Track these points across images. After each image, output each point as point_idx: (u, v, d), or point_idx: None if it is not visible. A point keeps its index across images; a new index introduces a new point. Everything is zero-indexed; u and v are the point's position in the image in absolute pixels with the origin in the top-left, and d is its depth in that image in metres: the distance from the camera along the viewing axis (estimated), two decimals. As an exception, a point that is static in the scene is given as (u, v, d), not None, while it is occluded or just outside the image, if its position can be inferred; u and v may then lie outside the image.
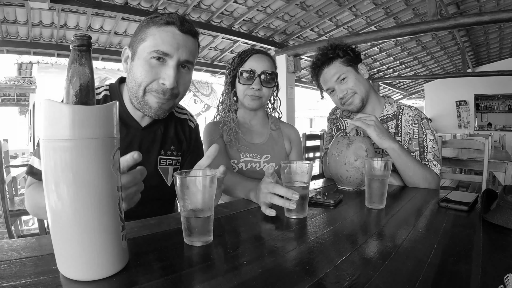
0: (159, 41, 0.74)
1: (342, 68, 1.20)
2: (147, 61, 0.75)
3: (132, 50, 0.79)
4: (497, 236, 0.60)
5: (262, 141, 1.22)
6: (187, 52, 0.77)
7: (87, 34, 0.41)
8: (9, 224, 1.94)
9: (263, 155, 1.19)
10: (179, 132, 0.96)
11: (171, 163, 0.93)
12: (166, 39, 0.75)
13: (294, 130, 1.33)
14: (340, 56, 1.20)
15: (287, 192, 0.69)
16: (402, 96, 11.48)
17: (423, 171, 1.07)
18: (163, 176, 0.91)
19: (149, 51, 0.75)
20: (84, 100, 0.40)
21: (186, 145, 0.97)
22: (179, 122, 0.97)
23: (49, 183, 0.39)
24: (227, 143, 1.16)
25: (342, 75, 1.20)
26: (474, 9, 5.03)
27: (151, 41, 0.75)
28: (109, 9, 3.59)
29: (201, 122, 9.93)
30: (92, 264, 0.41)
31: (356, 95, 1.20)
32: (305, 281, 0.42)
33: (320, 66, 1.24)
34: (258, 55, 1.15)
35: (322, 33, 5.16)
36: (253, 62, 1.13)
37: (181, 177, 0.53)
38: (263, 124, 1.26)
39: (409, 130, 1.21)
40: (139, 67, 0.76)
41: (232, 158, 1.16)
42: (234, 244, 0.56)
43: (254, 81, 1.12)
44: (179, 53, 0.76)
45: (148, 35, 0.76)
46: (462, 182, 2.95)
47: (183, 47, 0.76)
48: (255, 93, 1.13)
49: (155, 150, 0.89)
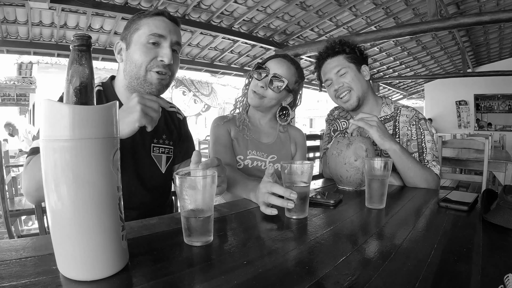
0: (153, 27, 0.86)
1: (344, 63, 1.22)
2: (144, 45, 0.86)
3: (126, 42, 0.89)
4: (497, 236, 0.60)
5: (270, 141, 1.24)
6: (176, 35, 0.91)
7: (87, 34, 0.41)
8: (9, 224, 1.94)
9: (269, 155, 1.20)
10: (169, 123, 1.04)
11: (164, 151, 1.00)
12: (160, 24, 0.87)
13: (301, 133, 1.35)
14: (346, 52, 1.23)
15: (285, 192, 0.69)
16: (402, 96, 11.48)
17: (424, 172, 1.07)
18: (157, 163, 0.98)
19: (146, 36, 0.85)
20: (84, 100, 0.40)
21: (177, 135, 1.05)
22: (168, 114, 1.06)
23: (49, 183, 0.39)
24: (235, 139, 1.17)
25: (343, 69, 1.21)
26: (474, 9, 5.03)
27: (145, 28, 0.86)
28: (109, 9, 3.59)
29: (201, 122, 9.93)
30: (92, 264, 0.41)
31: (353, 92, 1.20)
32: (305, 281, 0.42)
33: (324, 58, 1.26)
34: (279, 59, 1.16)
35: (322, 33, 5.16)
36: (272, 63, 1.15)
37: (181, 177, 0.53)
38: (272, 125, 1.27)
39: (407, 131, 1.21)
40: (137, 51, 0.86)
41: (238, 154, 1.16)
42: (234, 244, 0.56)
43: (262, 79, 1.13)
44: (171, 35, 0.88)
45: (141, 24, 0.87)
46: (462, 182, 2.94)
47: (173, 31, 0.90)
48: (259, 90, 1.13)
49: (148, 139, 0.96)
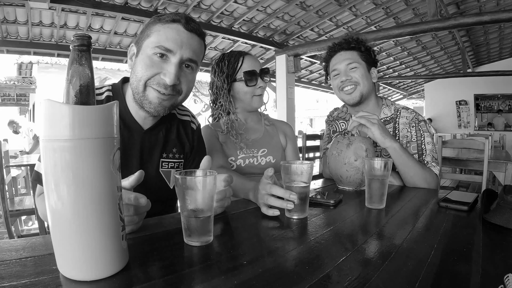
0: (163, 37, 0.74)
1: (357, 59, 1.23)
2: (149, 57, 0.75)
3: (137, 47, 0.79)
4: (497, 236, 0.60)
5: (257, 136, 1.26)
6: (190, 50, 0.76)
7: (87, 34, 0.41)
8: (9, 224, 1.94)
9: (259, 150, 1.22)
10: (182, 135, 0.95)
11: (173, 165, 0.91)
12: (170, 35, 0.74)
13: (288, 126, 1.39)
14: (361, 50, 1.24)
15: (284, 193, 0.69)
16: (402, 96, 11.48)
17: (423, 171, 1.07)
18: (165, 179, 0.89)
19: (152, 47, 0.74)
20: (84, 100, 0.40)
21: (189, 147, 0.96)
22: (181, 124, 0.96)
23: (49, 183, 0.39)
24: (223, 143, 1.19)
25: (354, 63, 1.22)
26: (474, 9, 5.03)
27: (155, 37, 0.75)
28: (109, 9, 3.59)
29: (201, 122, 10.05)
30: (92, 264, 0.41)
31: (358, 87, 1.21)
32: (305, 281, 0.42)
33: (337, 49, 1.27)
34: (250, 56, 1.22)
35: (322, 33, 5.16)
36: (250, 63, 1.18)
37: (181, 177, 0.53)
38: (257, 121, 1.30)
39: (407, 133, 1.22)
40: (141, 62, 0.76)
41: (229, 156, 1.18)
42: (234, 244, 0.56)
43: (258, 81, 1.18)
44: (182, 51, 0.75)
45: (153, 31, 0.76)
46: (462, 182, 2.94)
47: (187, 45, 0.76)
48: (263, 91, 1.21)
49: (157, 153, 0.88)
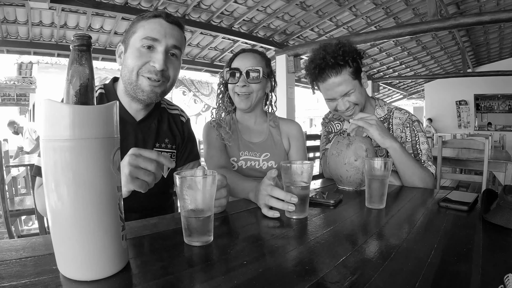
0: (148, 30, 0.84)
1: (350, 82, 1.13)
2: (138, 49, 0.84)
3: (125, 45, 0.88)
4: (497, 236, 0.60)
5: (261, 139, 1.24)
6: (173, 38, 0.86)
7: (87, 34, 0.41)
8: (9, 224, 1.94)
9: (262, 154, 1.21)
10: (173, 127, 1.02)
11: (166, 155, 0.94)
12: (155, 27, 0.84)
13: (295, 125, 1.31)
14: (350, 66, 1.12)
15: (285, 196, 0.69)
16: (402, 96, 11.48)
17: (422, 171, 1.07)
18: None
19: (140, 39, 0.83)
20: (84, 100, 0.40)
21: (180, 138, 1.04)
22: (171, 117, 1.04)
23: (49, 183, 0.39)
24: (226, 142, 1.18)
25: (349, 89, 1.13)
26: (474, 9, 5.03)
27: (141, 31, 0.84)
28: (109, 9, 3.59)
29: (201, 122, 9.92)
30: (92, 264, 0.41)
31: (357, 107, 1.19)
32: (305, 281, 0.42)
33: (324, 68, 1.12)
34: (244, 53, 1.19)
35: (322, 33, 5.16)
36: (239, 61, 1.17)
37: (181, 177, 0.53)
38: (261, 123, 1.28)
39: (400, 133, 1.22)
40: (131, 55, 0.85)
41: (231, 156, 1.18)
42: (234, 244, 0.56)
43: (240, 79, 1.15)
44: (167, 39, 0.84)
45: (138, 27, 0.85)
46: (462, 182, 2.94)
47: (170, 34, 0.85)
48: (241, 90, 1.15)
49: (150, 143, 0.94)
